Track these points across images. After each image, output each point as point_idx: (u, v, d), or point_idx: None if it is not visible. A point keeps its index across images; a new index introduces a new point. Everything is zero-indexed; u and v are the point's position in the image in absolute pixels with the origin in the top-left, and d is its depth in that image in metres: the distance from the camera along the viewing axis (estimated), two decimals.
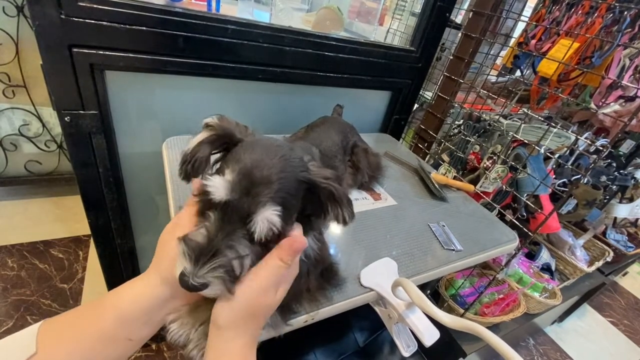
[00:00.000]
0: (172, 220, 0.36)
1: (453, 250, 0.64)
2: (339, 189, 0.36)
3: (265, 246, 0.33)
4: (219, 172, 0.33)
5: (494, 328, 1.11)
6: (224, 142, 0.37)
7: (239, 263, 0.31)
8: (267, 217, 0.30)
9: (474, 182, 0.95)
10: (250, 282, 0.32)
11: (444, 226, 0.70)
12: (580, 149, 0.96)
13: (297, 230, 0.36)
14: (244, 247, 0.31)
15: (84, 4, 0.55)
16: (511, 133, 0.95)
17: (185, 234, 0.31)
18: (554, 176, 1.02)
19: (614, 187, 1.15)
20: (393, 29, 1.20)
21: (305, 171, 0.35)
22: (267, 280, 0.33)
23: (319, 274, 0.47)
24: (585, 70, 0.82)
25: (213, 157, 0.38)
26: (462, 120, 1.14)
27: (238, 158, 0.32)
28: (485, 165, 0.96)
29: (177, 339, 0.35)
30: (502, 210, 0.99)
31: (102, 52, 0.60)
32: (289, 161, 0.34)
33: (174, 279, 0.31)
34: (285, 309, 0.42)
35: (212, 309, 0.35)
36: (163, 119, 0.77)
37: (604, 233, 1.51)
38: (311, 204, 0.37)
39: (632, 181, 1.18)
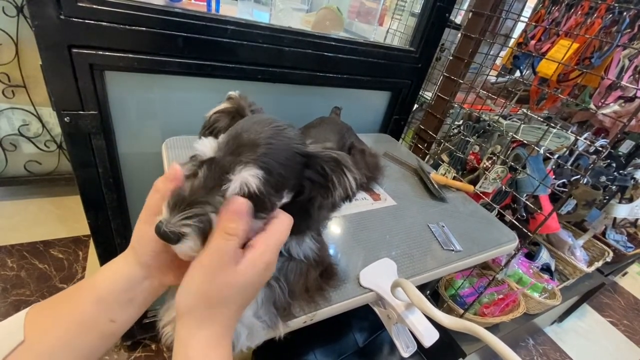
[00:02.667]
0: (143, 208, 0.34)
1: (452, 250, 0.64)
2: (341, 154, 0.35)
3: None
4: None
5: (493, 328, 1.11)
6: (238, 117, 0.38)
7: (215, 214, 0.30)
8: (243, 177, 0.29)
9: (474, 182, 0.95)
10: (198, 259, 0.30)
11: (443, 226, 0.70)
12: (580, 149, 0.96)
13: (282, 216, 0.34)
14: (222, 198, 0.30)
15: (83, 4, 0.55)
16: (511, 133, 0.95)
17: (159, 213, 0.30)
18: (553, 176, 1.02)
19: (614, 187, 1.15)
20: (393, 29, 1.20)
21: (301, 144, 0.35)
22: (211, 254, 0.29)
23: (318, 274, 0.47)
24: (584, 70, 0.82)
25: None
26: (461, 121, 1.14)
27: (234, 126, 0.33)
28: (484, 166, 0.96)
29: (171, 341, 0.35)
30: (501, 211, 0.99)
31: (101, 53, 0.60)
32: (282, 131, 0.33)
33: (147, 258, 0.32)
34: (285, 310, 0.42)
35: None
36: (163, 119, 0.77)
37: (603, 233, 1.51)
38: (311, 182, 0.36)
39: (632, 181, 1.18)
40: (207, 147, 0.31)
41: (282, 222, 0.34)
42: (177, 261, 0.33)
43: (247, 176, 0.29)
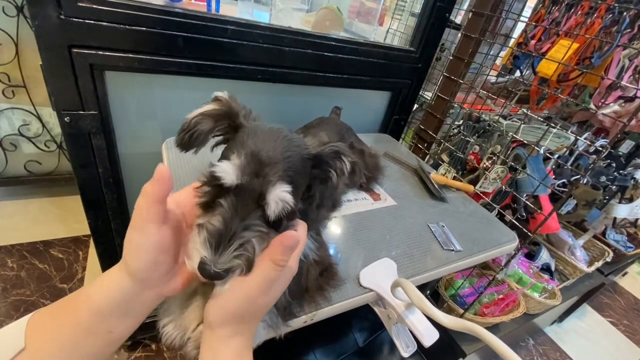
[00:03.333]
0: (133, 214, 0.33)
1: (452, 250, 0.64)
2: (339, 144, 0.37)
3: (279, 226, 0.33)
4: (224, 158, 0.33)
5: (493, 328, 1.11)
6: (227, 121, 0.36)
7: (260, 242, 0.31)
8: (278, 196, 0.30)
9: (474, 182, 0.95)
10: (242, 283, 0.31)
11: (443, 226, 0.70)
12: (580, 149, 0.96)
13: (300, 227, 0.36)
14: (262, 226, 0.31)
15: (83, 4, 0.55)
16: (511, 133, 0.95)
17: (153, 223, 0.30)
18: (553, 176, 1.02)
19: (614, 187, 1.15)
20: (393, 29, 1.20)
21: (307, 148, 0.36)
22: (258, 282, 0.31)
23: (318, 274, 0.47)
24: (584, 70, 0.82)
25: (214, 140, 0.38)
26: (461, 121, 1.14)
27: (242, 143, 0.32)
28: (484, 166, 0.96)
29: (171, 341, 0.35)
30: (501, 211, 0.99)
31: (101, 53, 0.60)
32: (292, 141, 0.34)
33: (142, 271, 0.31)
34: (285, 310, 0.42)
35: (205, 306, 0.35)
36: (163, 119, 0.77)
37: (603, 233, 1.51)
38: (317, 179, 0.37)
39: (632, 181, 1.18)
40: (229, 172, 0.30)
41: (303, 231, 0.36)
42: (175, 271, 0.33)
43: (281, 193, 0.30)
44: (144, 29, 0.61)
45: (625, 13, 0.82)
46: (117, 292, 0.32)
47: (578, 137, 0.85)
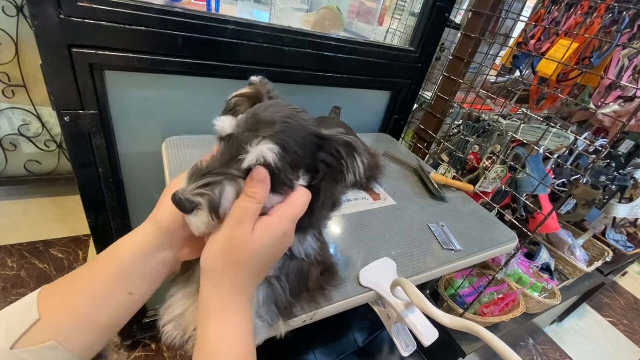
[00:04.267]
0: (172, 181, 0.36)
1: (452, 250, 0.64)
2: (353, 138, 0.36)
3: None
4: None
5: (493, 328, 1.11)
6: (258, 101, 0.39)
7: (230, 185, 0.31)
8: (259, 150, 0.30)
9: (474, 182, 0.95)
10: (223, 225, 0.32)
11: (443, 226, 0.70)
12: (580, 149, 0.96)
13: (300, 192, 0.35)
14: (237, 172, 0.32)
15: (83, 4, 0.55)
16: (510, 133, 0.95)
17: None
18: (553, 176, 1.02)
19: (614, 187, 1.15)
20: (393, 29, 1.20)
21: (316, 127, 0.36)
22: (235, 218, 0.31)
23: (319, 274, 0.47)
24: (584, 70, 0.82)
25: None
26: (461, 121, 1.14)
27: (252, 108, 0.35)
28: (484, 166, 0.96)
29: (172, 340, 0.35)
30: (501, 211, 0.99)
31: (101, 52, 0.60)
32: (298, 114, 0.35)
33: (167, 226, 0.33)
34: (286, 309, 0.42)
35: None
36: (163, 119, 0.77)
37: (603, 233, 1.51)
38: (326, 166, 0.36)
39: (632, 181, 1.18)
40: (226, 124, 0.32)
41: (300, 194, 0.35)
42: (196, 238, 0.34)
43: (264, 149, 0.30)
44: (144, 28, 0.61)
45: (625, 13, 0.82)
46: (143, 245, 0.34)
47: (578, 137, 0.85)
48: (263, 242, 0.32)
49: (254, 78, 0.40)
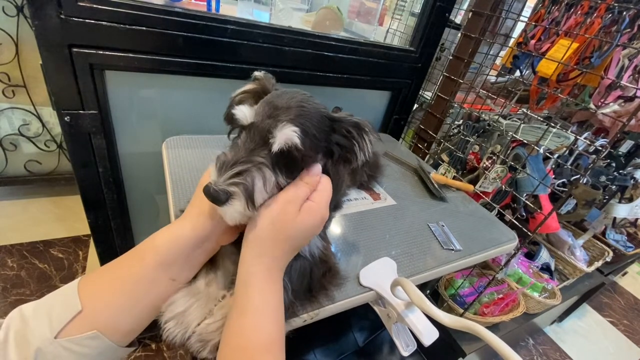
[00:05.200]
0: (203, 176, 0.38)
1: (452, 250, 0.64)
2: (362, 119, 0.38)
3: (289, 171, 0.35)
4: None
5: (493, 328, 1.11)
6: (264, 95, 0.39)
7: (260, 174, 0.33)
8: (285, 134, 0.32)
9: (474, 182, 0.95)
10: (270, 202, 0.35)
11: (443, 226, 0.70)
12: (580, 149, 0.96)
13: (323, 178, 0.38)
14: (265, 163, 0.33)
15: (83, 4, 0.55)
16: (510, 133, 0.95)
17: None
18: (553, 176, 1.02)
19: (613, 187, 1.15)
20: (393, 29, 1.20)
21: (327, 110, 0.38)
22: (286, 195, 0.35)
23: (321, 274, 0.47)
24: (584, 70, 0.82)
25: None
26: (461, 120, 1.14)
27: (265, 97, 0.36)
28: (484, 165, 0.96)
29: (173, 337, 0.35)
30: (501, 210, 0.99)
31: (101, 52, 0.60)
32: (310, 98, 0.37)
33: (201, 225, 0.36)
34: (288, 310, 0.42)
35: (209, 304, 0.36)
36: (163, 119, 0.77)
37: (603, 233, 1.51)
38: (339, 147, 0.39)
39: (632, 181, 1.18)
40: (246, 113, 0.34)
41: (327, 181, 0.39)
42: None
43: (289, 132, 0.32)
44: (144, 28, 0.61)
45: (624, 13, 0.82)
46: (182, 242, 0.36)
47: (578, 137, 0.85)
48: (306, 223, 0.36)
49: (257, 73, 0.41)
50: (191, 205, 0.38)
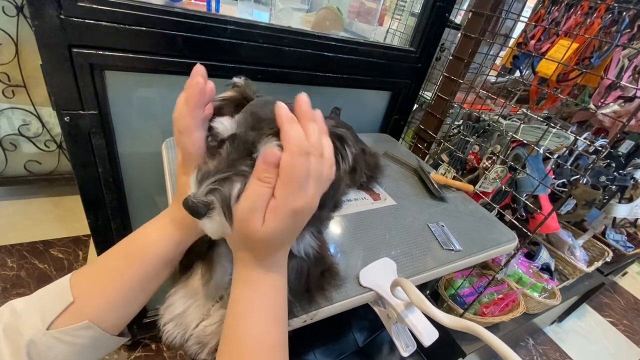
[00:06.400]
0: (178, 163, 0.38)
1: (452, 250, 0.64)
2: (344, 131, 0.37)
3: None
4: None
5: (493, 328, 1.11)
6: (246, 102, 0.37)
7: (238, 179, 0.30)
8: (270, 147, 0.30)
9: (473, 182, 0.95)
10: (234, 216, 0.31)
11: (443, 226, 0.70)
12: (580, 149, 0.96)
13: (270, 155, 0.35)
14: (247, 167, 0.31)
15: (83, 4, 0.55)
16: (510, 133, 0.95)
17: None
18: (553, 176, 1.02)
19: (613, 187, 1.15)
20: (393, 29, 1.20)
21: None
22: (242, 204, 0.29)
23: (319, 274, 0.47)
24: (584, 70, 0.82)
25: None
26: (461, 121, 1.14)
27: (247, 106, 0.34)
28: (484, 166, 0.96)
29: (172, 339, 0.35)
30: (501, 211, 0.99)
31: (101, 52, 0.60)
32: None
33: (180, 219, 0.36)
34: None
35: (207, 305, 0.36)
36: (163, 119, 0.77)
37: (603, 233, 1.51)
38: None
39: (632, 181, 1.18)
40: (227, 125, 0.32)
41: (292, 164, 0.32)
42: None
43: (273, 146, 0.29)
44: (144, 28, 0.61)
45: (624, 13, 0.82)
46: (169, 240, 0.36)
47: (578, 137, 0.85)
48: (275, 227, 0.30)
49: (237, 80, 0.38)
50: (170, 207, 0.38)
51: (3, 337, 0.30)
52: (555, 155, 0.98)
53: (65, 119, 0.63)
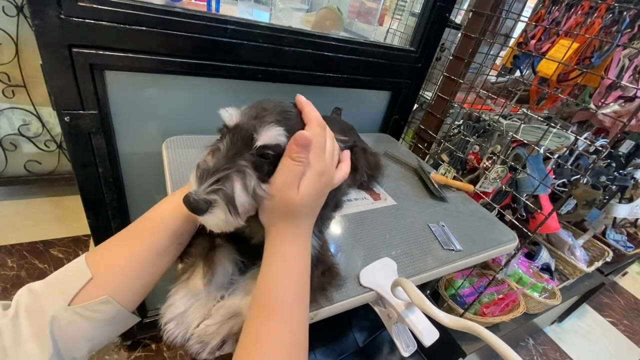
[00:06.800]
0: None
1: (452, 250, 0.64)
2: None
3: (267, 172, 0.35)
4: None
5: (493, 328, 1.11)
6: None
7: (242, 181, 0.32)
8: (271, 133, 0.32)
9: (474, 182, 0.95)
10: (269, 187, 0.35)
11: (443, 226, 0.70)
12: (580, 149, 0.96)
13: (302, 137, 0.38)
14: (247, 168, 0.33)
15: (83, 4, 0.55)
16: (511, 133, 0.95)
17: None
18: (553, 176, 1.02)
19: (614, 187, 1.15)
20: (393, 29, 1.20)
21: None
22: (281, 178, 0.34)
23: (320, 274, 0.47)
24: (584, 70, 0.82)
25: None
26: (461, 121, 1.14)
27: (251, 104, 0.36)
28: (484, 166, 0.96)
29: (173, 338, 0.35)
30: (501, 211, 0.99)
31: (102, 52, 0.60)
32: (293, 107, 0.38)
33: None
34: None
35: (208, 304, 0.37)
36: (163, 119, 0.77)
37: (603, 233, 1.51)
38: None
39: (632, 181, 1.18)
40: (233, 114, 0.34)
41: (317, 145, 0.37)
42: None
43: (274, 131, 0.32)
44: (144, 28, 0.61)
45: (625, 13, 0.82)
46: (189, 220, 0.39)
47: (578, 137, 0.85)
48: (307, 191, 0.35)
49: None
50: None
51: (25, 318, 0.31)
52: (556, 155, 0.98)
53: (65, 119, 0.63)
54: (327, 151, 0.37)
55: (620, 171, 1.15)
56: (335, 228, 0.63)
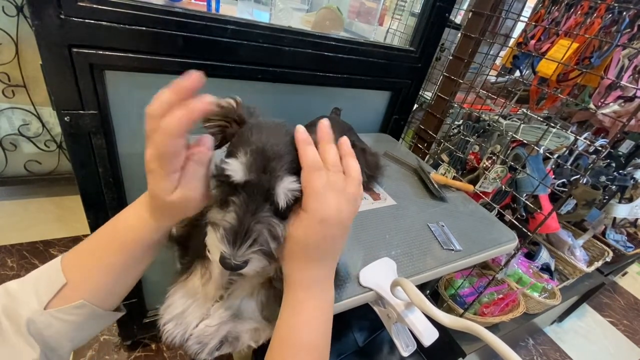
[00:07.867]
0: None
1: (452, 250, 0.64)
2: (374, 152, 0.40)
3: (291, 212, 0.35)
4: (230, 154, 0.34)
5: (493, 328, 1.11)
6: (239, 120, 0.38)
7: (271, 233, 0.32)
8: (287, 187, 0.32)
9: (474, 182, 0.95)
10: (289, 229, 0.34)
11: (443, 226, 0.70)
12: (580, 149, 0.96)
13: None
14: (272, 218, 0.33)
15: (83, 4, 0.55)
16: (510, 133, 0.95)
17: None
18: (553, 176, 1.02)
19: (613, 187, 1.15)
20: (393, 29, 1.20)
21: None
22: (316, 217, 0.33)
23: None
24: (584, 70, 0.82)
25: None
26: (461, 121, 1.14)
27: (247, 140, 0.33)
28: (484, 166, 0.96)
29: (172, 338, 0.35)
30: (501, 211, 0.99)
31: (101, 52, 0.60)
32: (289, 131, 0.35)
33: (155, 208, 0.35)
34: None
35: (206, 304, 0.36)
36: None
37: (603, 233, 1.51)
38: None
39: (632, 181, 1.18)
40: (238, 170, 0.32)
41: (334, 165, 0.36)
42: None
43: (288, 185, 0.32)
44: (144, 28, 0.61)
45: (624, 13, 0.82)
46: (159, 230, 0.36)
47: (578, 137, 0.85)
48: (306, 234, 0.33)
49: (224, 103, 0.37)
50: (159, 207, 0.36)
51: (3, 316, 0.31)
52: (555, 155, 0.98)
53: (65, 118, 0.63)
54: (330, 193, 0.33)
55: (620, 171, 1.15)
56: None
